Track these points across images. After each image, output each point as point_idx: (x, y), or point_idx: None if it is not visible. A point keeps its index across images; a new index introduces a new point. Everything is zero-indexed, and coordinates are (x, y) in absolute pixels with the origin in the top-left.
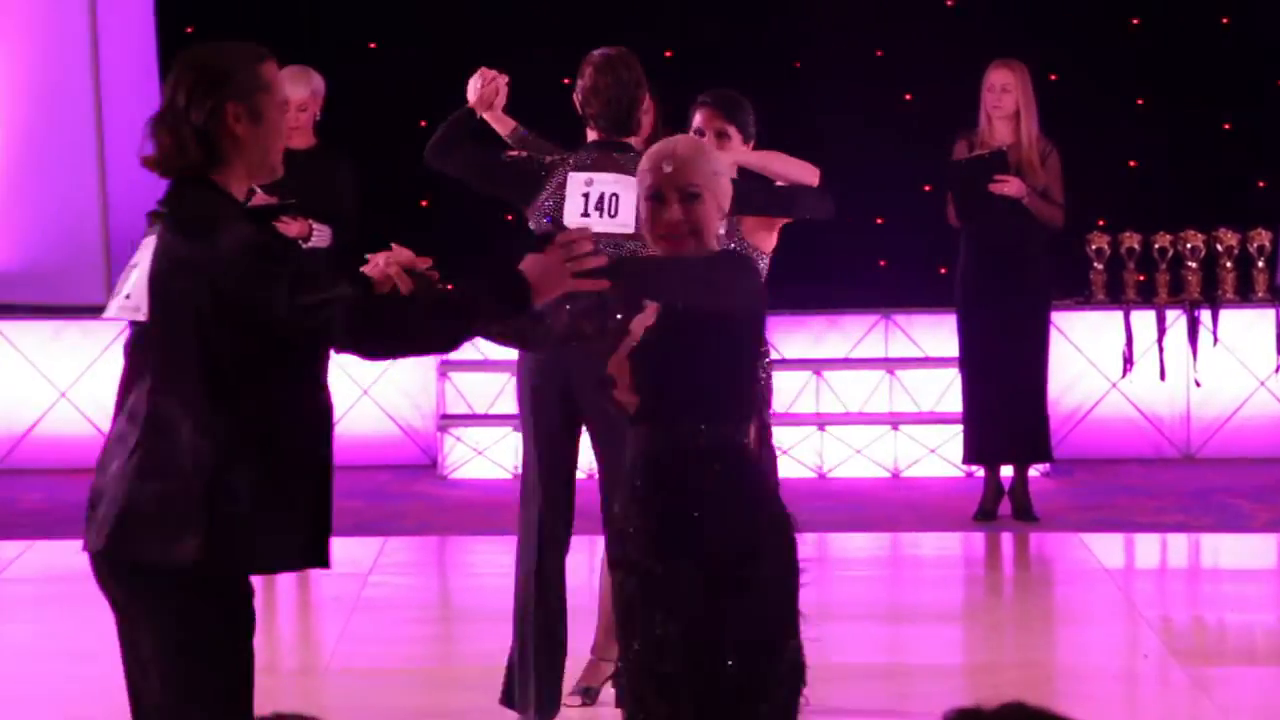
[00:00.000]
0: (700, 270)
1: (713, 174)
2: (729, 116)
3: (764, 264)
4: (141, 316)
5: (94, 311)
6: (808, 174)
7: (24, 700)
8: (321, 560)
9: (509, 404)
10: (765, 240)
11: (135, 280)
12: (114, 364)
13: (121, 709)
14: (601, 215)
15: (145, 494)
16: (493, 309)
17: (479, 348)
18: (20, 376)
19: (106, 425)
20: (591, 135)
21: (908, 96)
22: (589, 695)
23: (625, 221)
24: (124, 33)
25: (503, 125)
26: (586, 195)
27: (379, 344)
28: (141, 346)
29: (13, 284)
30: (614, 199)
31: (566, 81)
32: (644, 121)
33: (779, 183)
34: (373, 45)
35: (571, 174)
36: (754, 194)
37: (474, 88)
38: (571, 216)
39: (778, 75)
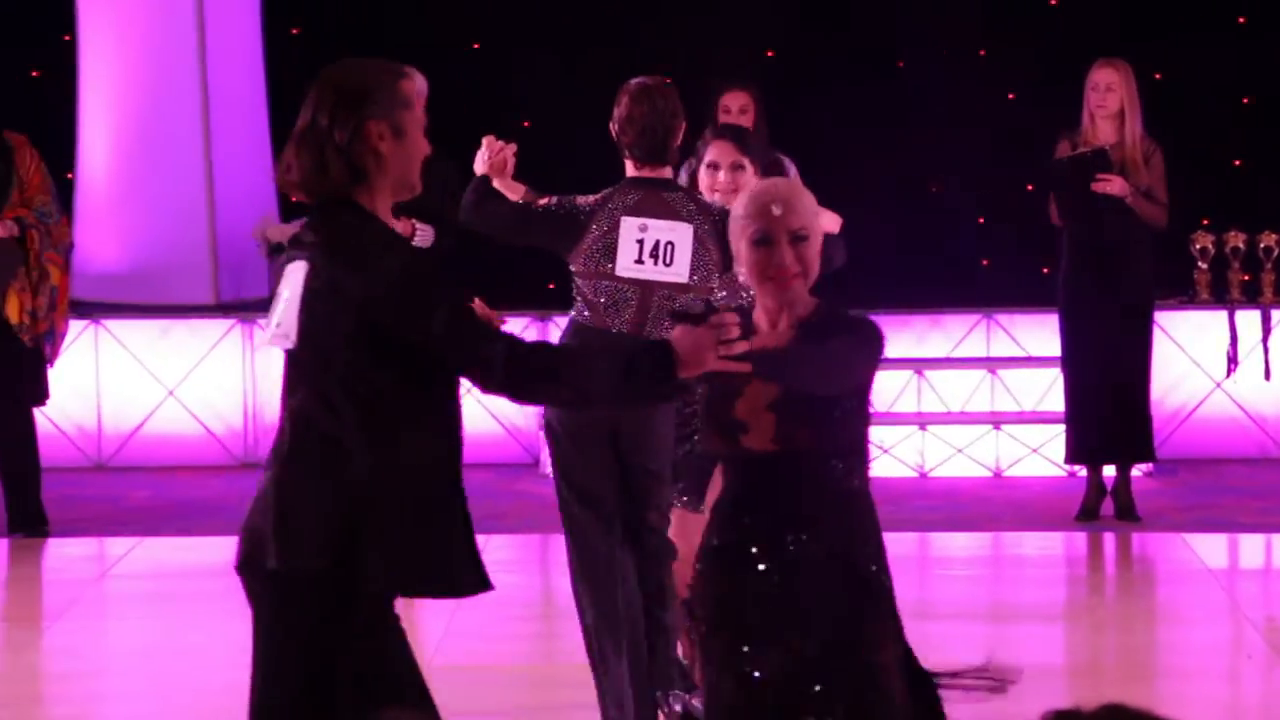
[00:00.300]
0: (840, 357)
1: (814, 214)
2: (745, 149)
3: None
4: (290, 344)
5: (200, 311)
6: (834, 224)
7: (129, 695)
8: (481, 584)
9: None
10: None
11: (284, 308)
12: (220, 363)
13: (221, 702)
14: (656, 263)
15: (295, 510)
16: (638, 374)
17: None
18: (129, 375)
19: (213, 423)
20: (630, 168)
21: (1011, 96)
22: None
23: (680, 272)
24: (230, 36)
25: (513, 192)
26: (641, 242)
27: (530, 390)
28: (294, 372)
29: (122, 284)
30: (669, 248)
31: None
32: (680, 147)
33: None
34: (475, 45)
35: (625, 218)
36: None
37: (482, 158)
38: (625, 263)
39: (880, 75)
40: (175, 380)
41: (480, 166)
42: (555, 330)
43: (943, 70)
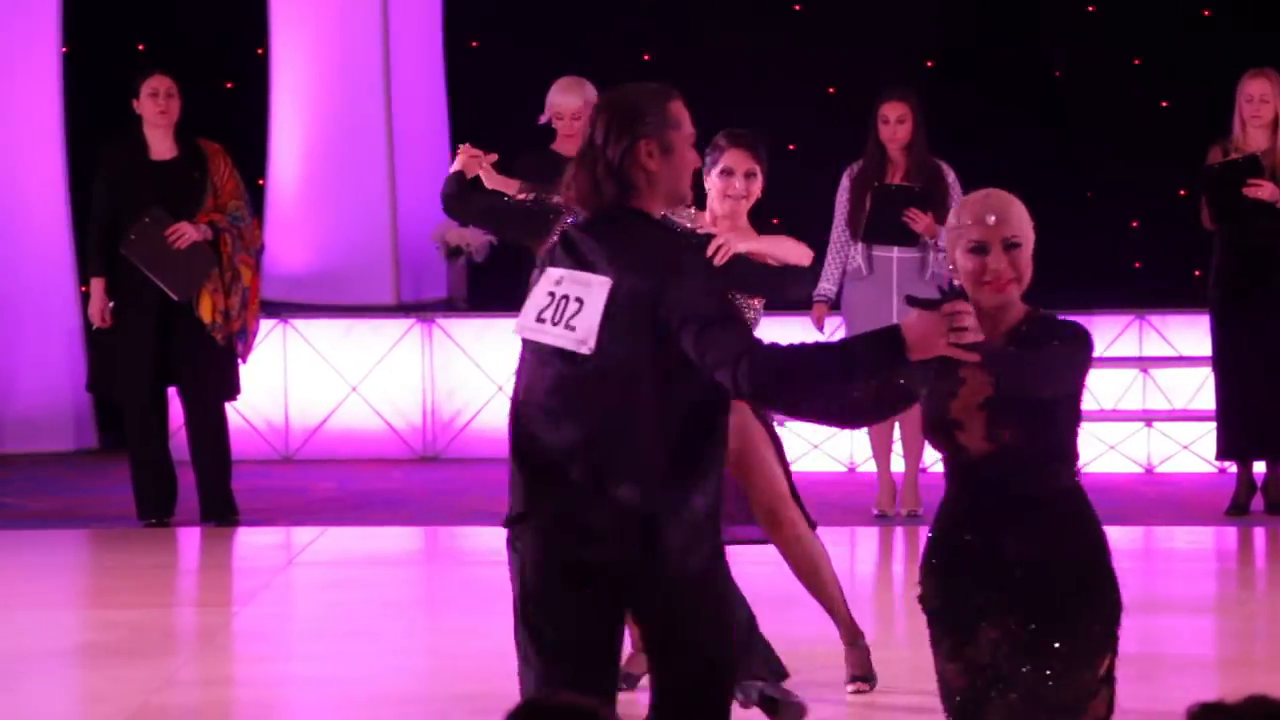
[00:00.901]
0: (1056, 360)
1: (1027, 223)
2: (757, 156)
3: (753, 316)
4: (587, 350)
5: (382, 311)
6: (804, 257)
7: (314, 679)
8: None
9: None
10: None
11: (584, 314)
12: (401, 361)
13: (401, 685)
14: None
15: (591, 508)
16: (869, 357)
17: None
18: (314, 372)
19: (393, 418)
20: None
21: (1164, 103)
22: (629, 681)
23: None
24: (413, 49)
25: (508, 186)
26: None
27: (778, 393)
28: (587, 376)
29: (309, 285)
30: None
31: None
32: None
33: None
34: (646, 56)
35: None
36: (750, 275)
37: (458, 162)
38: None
39: (1038, 84)
40: (358, 377)
41: (454, 166)
42: None
43: (1099, 78)
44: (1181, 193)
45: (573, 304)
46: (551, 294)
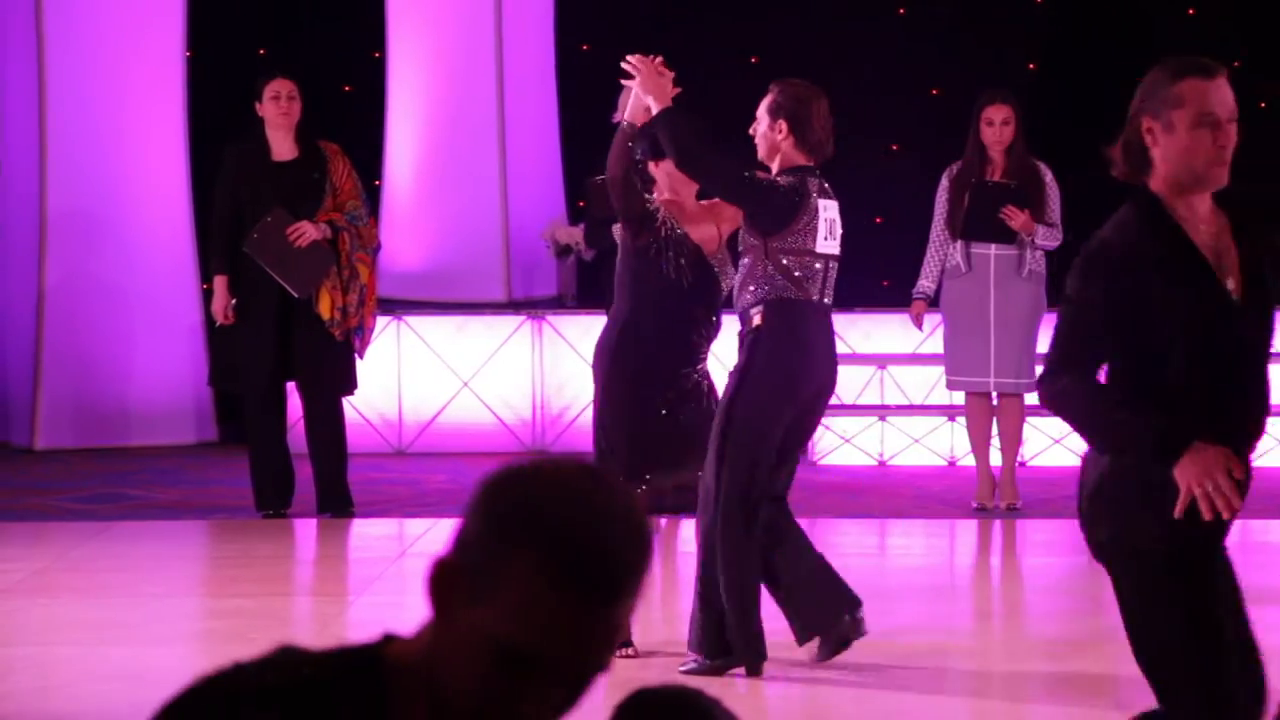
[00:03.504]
0: None
1: None
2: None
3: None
4: None
5: (494, 308)
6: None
7: None
8: None
9: (873, 394)
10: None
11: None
12: (511, 357)
13: None
14: (830, 238)
15: (1107, 476)
16: (1134, 443)
17: (846, 340)
18: (428, 368)
19: (504, 413)
20: (800, 158)
21: (1262, 105)
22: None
23: (838, 243)
24: (525, 53)
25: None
26: (830, 221)
27: (1053, 411)
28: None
29: (422, 283)
30: (834, 223)
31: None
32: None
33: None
34: (754, 59)
35: (821, 201)
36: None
37: (646, 83)
38: (820, 242)
39: (1136, 86)
40: (470, 373)
41: (649, 89)
42: None
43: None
44: None
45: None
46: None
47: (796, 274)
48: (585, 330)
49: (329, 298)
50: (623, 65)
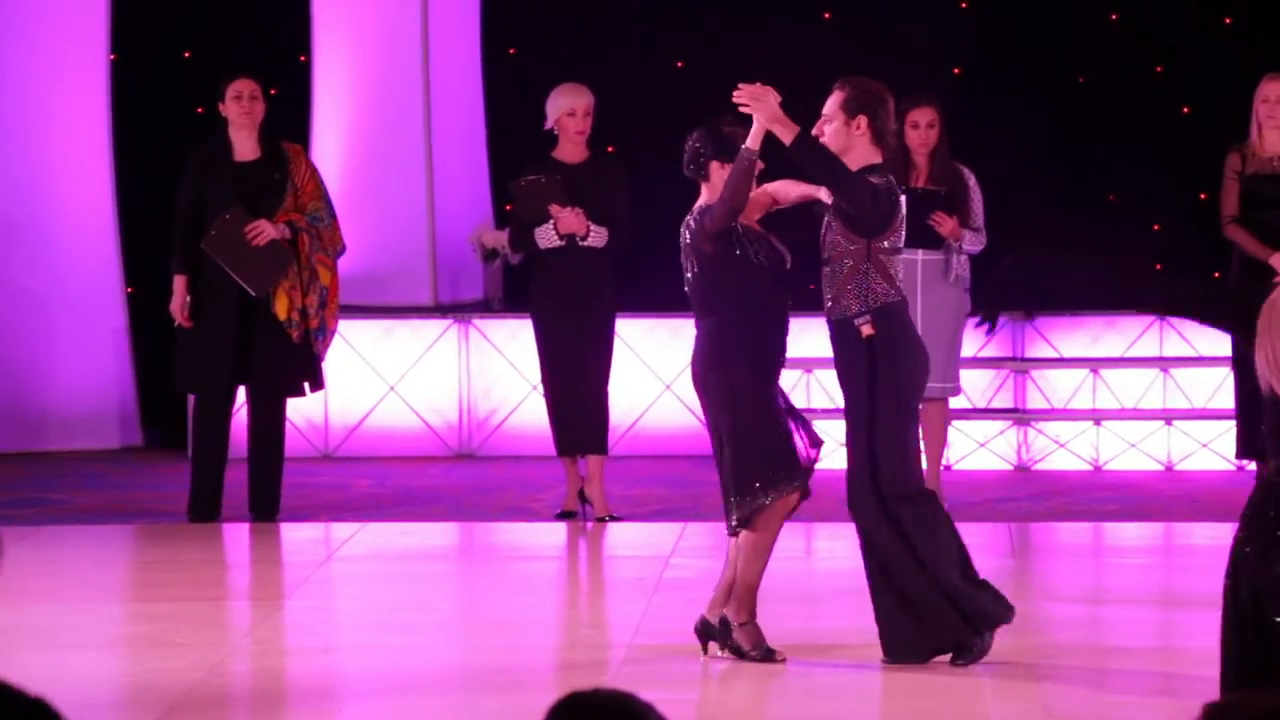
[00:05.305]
0: None
1: None
2: None
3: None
4: None
5: (420, 312)
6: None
7: (348, 671)
8: None
9: (800, 398)
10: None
11: None
12: (438, 361)
13: (435, 677)
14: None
15: None
16: None
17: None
18: (354, 371)
19: (430, 417)
20: (876, 154)
21: (1186, 110)
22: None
23: None
24: (452, 57)
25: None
26: (903, 218)
27: None
28: None
29: (349, 286)
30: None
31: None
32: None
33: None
34: (679, 64)
35: (901, 198)
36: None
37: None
38: (904, 238)
39: (1062, 90)
40: (397, 376)
41: (772, 118)
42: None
43: (1121, 85)
44: (1202, 196)
45: None
46: None
47: (892, 272)
48: (512, 334)
49: (286, 298)
50: (735, 98)
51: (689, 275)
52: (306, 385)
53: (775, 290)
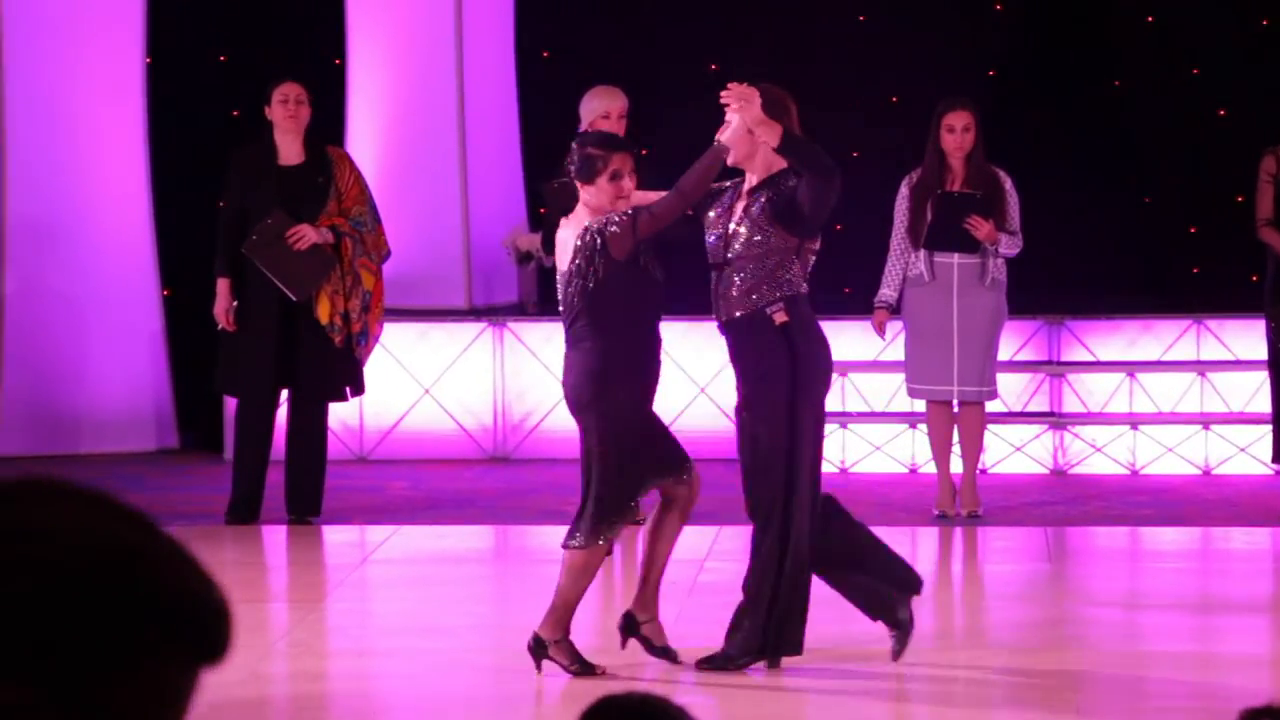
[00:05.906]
0: None
1: None
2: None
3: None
4: None
5: (455, 315)
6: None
7: (381, 674)
8: None
9: (835, 401)
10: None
11: None
12: (473, 364)
13: (469, 680)
14: None
15: None
16: None
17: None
18: (389, 374)
19: (465, 420)
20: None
21: (1221, 112)
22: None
23: None
24: (486, 60)
25: None
26: None
27: None
28: None
29: (384, 289)
30: None
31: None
32: None
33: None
34: (713, 66)
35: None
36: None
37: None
38: None
39: (1098, 93)
40: (431, 379)
41: (757, 119)
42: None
43: (1157, 87)
44: (1239, 199)
45: None
46: None
47: (809, 268)
48: (546, 337)
49: (329, 303)
50: (722, 98)
51: (588, 284)
52: (348, 390)
53: (660, 305)
